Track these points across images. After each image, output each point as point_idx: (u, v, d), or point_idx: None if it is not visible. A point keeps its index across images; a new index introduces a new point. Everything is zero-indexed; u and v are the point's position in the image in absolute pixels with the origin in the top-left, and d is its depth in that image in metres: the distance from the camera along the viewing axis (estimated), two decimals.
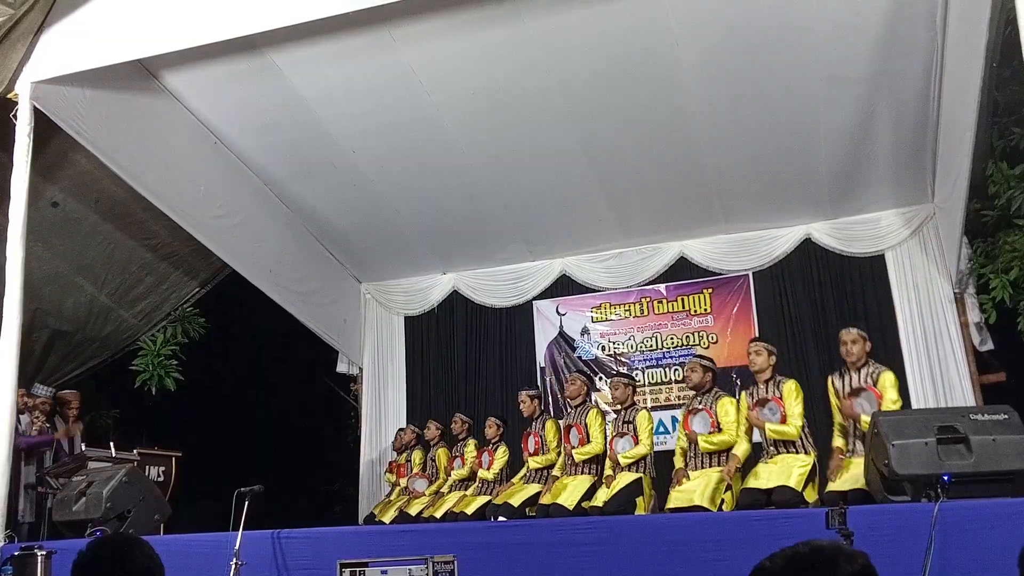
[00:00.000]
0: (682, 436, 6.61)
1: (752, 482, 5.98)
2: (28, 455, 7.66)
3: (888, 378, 5.92)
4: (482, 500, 7.74)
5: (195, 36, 6.20)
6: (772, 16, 6.52)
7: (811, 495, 5.88)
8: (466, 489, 8.18)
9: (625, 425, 6.92)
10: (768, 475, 5.95)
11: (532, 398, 7.89)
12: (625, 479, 6.63)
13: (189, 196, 7.94)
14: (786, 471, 5.90)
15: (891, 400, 5.81)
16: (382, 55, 7.01)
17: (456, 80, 7.29)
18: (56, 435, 8.02)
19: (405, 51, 6.98)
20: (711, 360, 6.88)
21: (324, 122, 7.83)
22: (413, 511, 8.23)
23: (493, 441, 8.14)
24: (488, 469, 7.97)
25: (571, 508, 6.68)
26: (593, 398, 8.56)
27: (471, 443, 8.46)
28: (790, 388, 6.16)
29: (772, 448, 6.16)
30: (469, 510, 7.65)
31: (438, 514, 7.90)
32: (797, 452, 6.06)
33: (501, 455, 8.02)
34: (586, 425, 7.15)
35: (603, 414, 7.39)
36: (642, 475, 6.68)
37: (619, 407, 7.21)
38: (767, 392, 6.25)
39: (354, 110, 7.69)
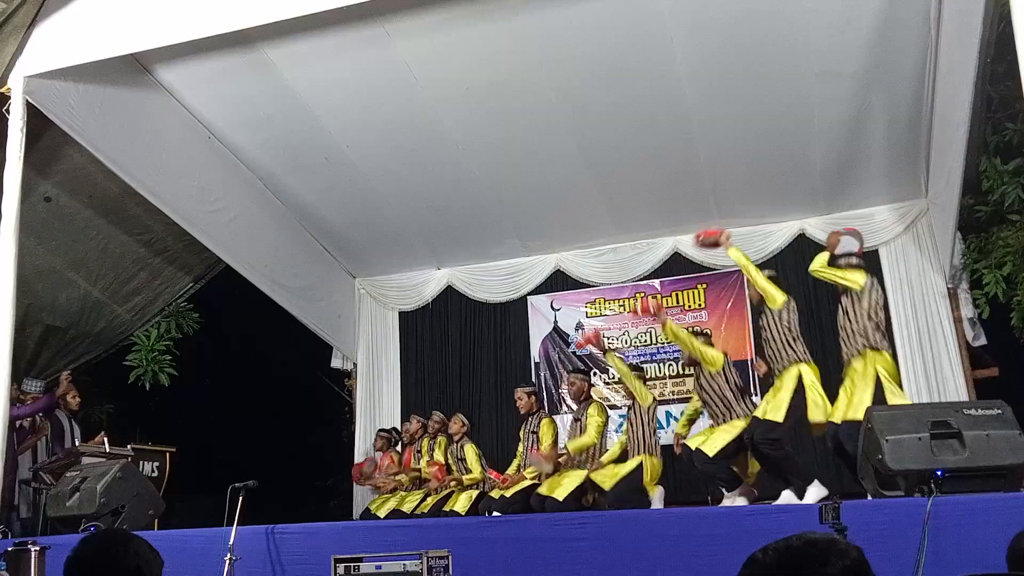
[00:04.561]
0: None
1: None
2: (24, 439, 7.63)
3: None
4: (472, 494, 7.75)
5: (188, 30, 6.18)
6: (766, 11, 6.52)
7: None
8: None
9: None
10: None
11: (529, 395, 7.83)
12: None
13: (183, 191, 7.91)
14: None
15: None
16: (376, 50, 6.99)
17: (450, 75, 7.27)
18: (57, 393, 7.90)
19: (399, 46, 6.97)
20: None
21: (318, 117, 7.81)
22: (407, 507, 8.20)
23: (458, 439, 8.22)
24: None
25: (561, 500, 6.73)
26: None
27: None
28: None
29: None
30: (459, 506, 7.65)
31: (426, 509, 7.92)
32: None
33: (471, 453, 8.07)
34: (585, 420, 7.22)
35: (605, 411, 7.41)
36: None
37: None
38: None
39: (348, 105, 7.68)
